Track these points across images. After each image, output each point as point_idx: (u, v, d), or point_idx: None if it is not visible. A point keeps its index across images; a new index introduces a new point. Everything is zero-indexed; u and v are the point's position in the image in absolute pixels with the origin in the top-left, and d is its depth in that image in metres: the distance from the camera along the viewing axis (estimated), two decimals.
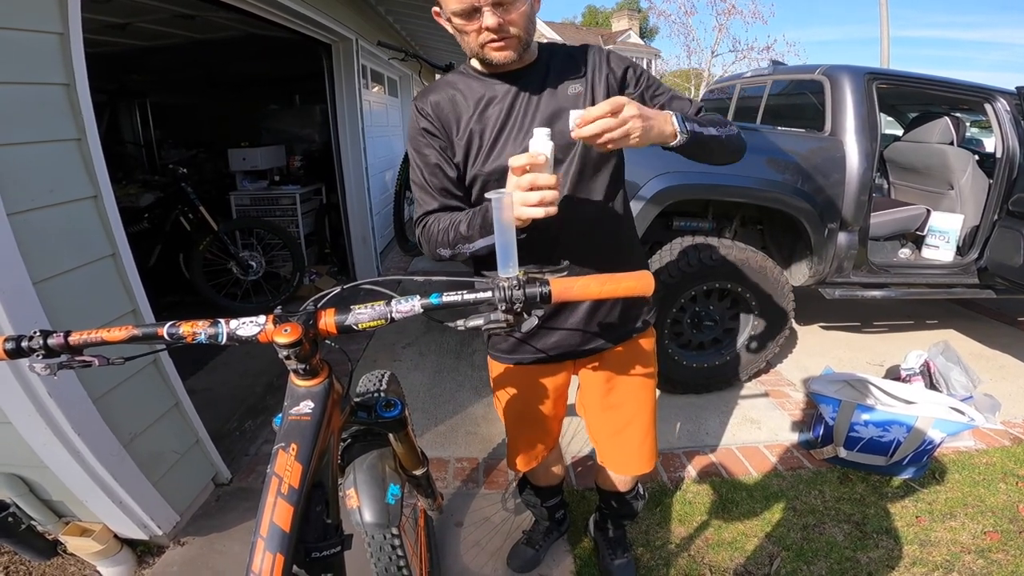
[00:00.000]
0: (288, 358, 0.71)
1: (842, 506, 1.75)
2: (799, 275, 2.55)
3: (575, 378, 1.23)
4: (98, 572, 1.51)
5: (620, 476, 1.33)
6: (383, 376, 1.15)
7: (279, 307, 0.73)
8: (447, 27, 0.92)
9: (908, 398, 1.96)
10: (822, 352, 2.89)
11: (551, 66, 0.98)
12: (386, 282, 0.80)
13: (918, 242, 2.90)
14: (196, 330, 0.71)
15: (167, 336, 0.71)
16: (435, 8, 0.92)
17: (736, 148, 1.02)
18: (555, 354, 1.10)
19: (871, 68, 2.48)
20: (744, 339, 2.40)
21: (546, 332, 1.08)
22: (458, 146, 0.97)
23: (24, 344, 0.70)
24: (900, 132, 3.48)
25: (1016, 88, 2.37)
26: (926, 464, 1.88)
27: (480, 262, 1.00)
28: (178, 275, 3.41)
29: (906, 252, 2.86)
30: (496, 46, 0.89)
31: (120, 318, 1.46)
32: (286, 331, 0.68)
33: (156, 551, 1.57)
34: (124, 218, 1.47)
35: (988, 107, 2.61)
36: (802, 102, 2.75)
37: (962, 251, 2.73)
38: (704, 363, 2.39)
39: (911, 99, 3.40)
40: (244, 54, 4.01)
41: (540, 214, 0.77)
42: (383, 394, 1.08)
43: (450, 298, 0.70)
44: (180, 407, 1.67)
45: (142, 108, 4.92)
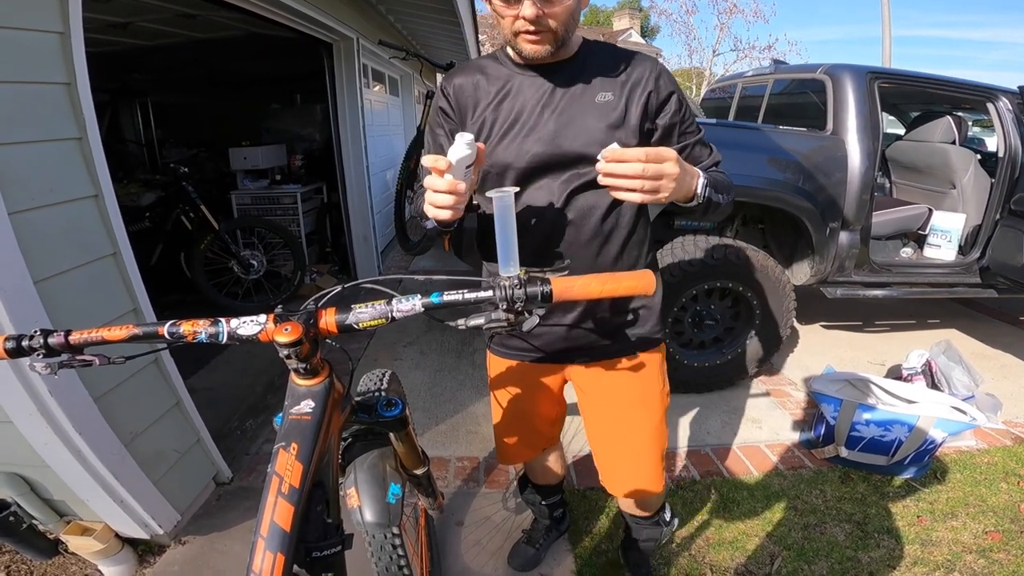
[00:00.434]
0: (289, 357, 0.71)
1: (843, 506, 1.75)
2: (800, 274, 2.55)
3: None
4: (99, 571, 1.51)
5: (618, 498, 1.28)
6: (384, 375, 1.15)
7: (280, 306, 0.73)
8: (487, 6, 0.88)
9: (910, 397, 1.95)
10: (823, 351, 2.89)
11: (588, 66, 0.92)
12: (387, 281, 0.80)
13: (920, 241, 2.90)
14: (197, 329, 0.71)
15: (168, 335, 0.71)
16: None
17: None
18: (551, 352, 1.08)
19: (873, 67, 2.48)
20: (745, 338, 2.40)
21: (545, 330, 1.06)
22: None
23: (25, 343, 0.69)
24: (902, 131, 3.47)
25: (1018, 87, 2.37)
26: (928, 464, 1.88)
27: (487, 253, 0.98)
28: (179, 274, 3.42)
29: (908, 251, 2.86)
30: (530, 39, 0.85)
31: (121, 317, 1.46)
32: (287, 330, 0.68)
33: (157, 550, 1.57)
34: (125, 217, 1.47)
35: (990, 106, 2.61)
36: (804, 101, 2.74)
37: (964, 250, 2.73)
38: (705, 362, 2.39)
39: (913, 98, 3.39)
40: (245, 53, 4.01)
41: (444, 216, 0.78)
42: (384, 393, 1.08)
43: (451, 297, 0.70)
44: (181, 406, 1.67)
45: (143, 107, 4.93)
